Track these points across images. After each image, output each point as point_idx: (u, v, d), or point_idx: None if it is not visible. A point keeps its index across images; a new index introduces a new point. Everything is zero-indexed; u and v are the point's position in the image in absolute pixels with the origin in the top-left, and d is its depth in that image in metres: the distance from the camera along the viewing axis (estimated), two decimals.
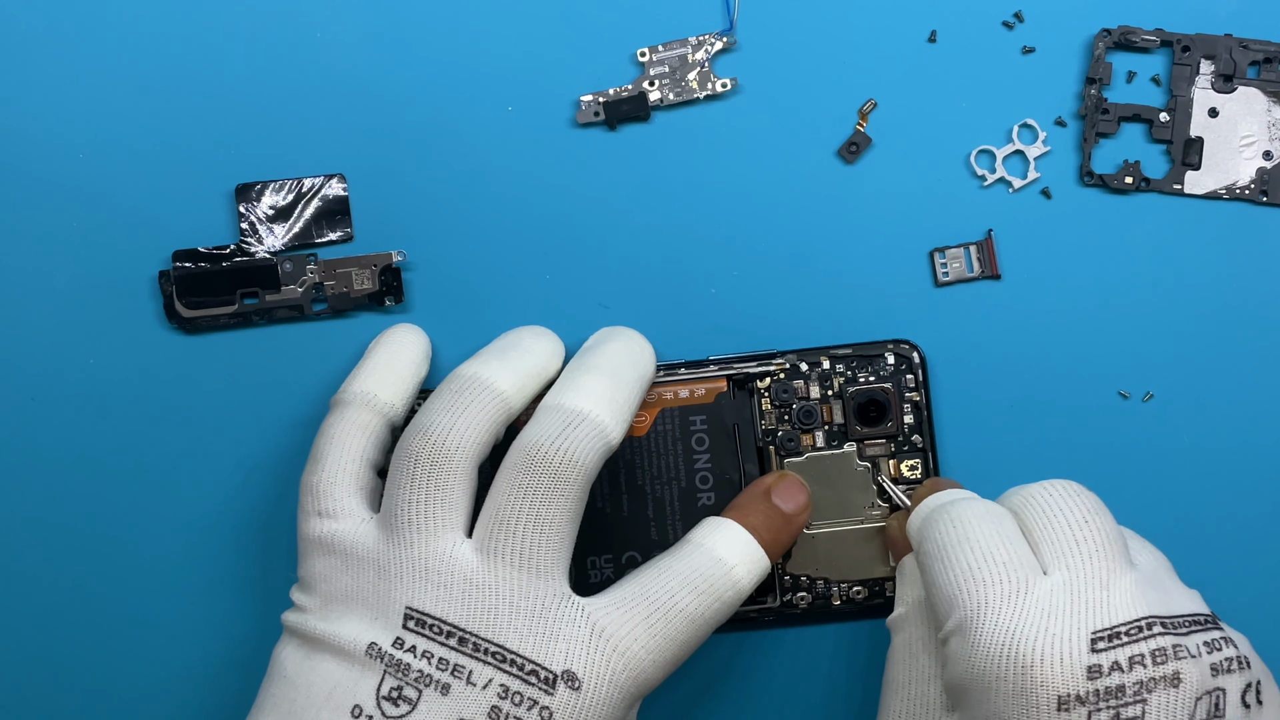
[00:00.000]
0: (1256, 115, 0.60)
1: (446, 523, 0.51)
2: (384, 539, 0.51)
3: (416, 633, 0.49)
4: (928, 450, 0.58)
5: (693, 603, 0.51)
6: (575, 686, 0.49)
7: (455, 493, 0.51)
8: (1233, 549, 0.59)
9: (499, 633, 0.49)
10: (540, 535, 0.50)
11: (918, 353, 0.59)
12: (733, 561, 0.53)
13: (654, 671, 0.51)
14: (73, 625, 0.60)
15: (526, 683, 0.49)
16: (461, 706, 0.48)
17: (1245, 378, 0.59)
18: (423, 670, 0.49)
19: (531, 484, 0.51)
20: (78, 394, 0.60)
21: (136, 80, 0.60)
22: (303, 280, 0.60)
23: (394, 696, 0.49)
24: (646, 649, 0.50)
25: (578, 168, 0.61)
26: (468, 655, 0.49)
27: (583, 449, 0.51)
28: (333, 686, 0.49)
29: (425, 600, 0.50)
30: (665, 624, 0.51)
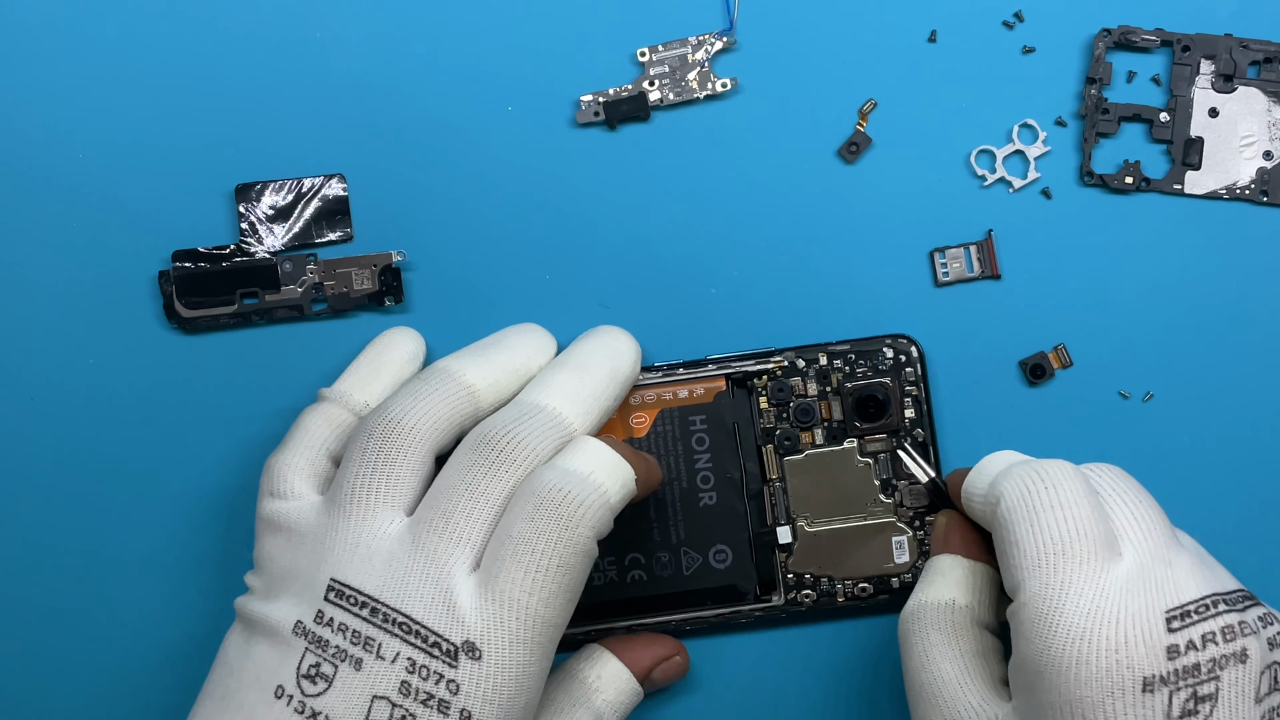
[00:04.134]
0: (1257, 115, 0.60)
1: (387, 499, 0.51)
2: (325, 514, 0.51)
3: (335, 604, 0.49)
4: (929, 444, 0.58)
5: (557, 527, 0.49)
6: (476, 656, 0.48)
7: (402, 471, 0.51)
8: (1233, 549, 0.59)
9: (406, 602, 0.49)
10: (470, 503, 0.50)
11: (916, 347, 0.59)
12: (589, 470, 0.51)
13: (549, 610, 0.49)
14: (72, 626, 0.60)
15: (431, 655, 0.48)
16: (374, 682, 0.48)
17: (1245, 378, 0.59)
18: (339, 645, 0.49)
19: (472, 460, 0.51)
20: (77, 394, 0.60)
21: (136, 80, 0.60)
22: (302, 280, 0.60)
23: (312, 674, 0.49)
24: (531, 592, 0.49)
25: (578, 168, 0.61)
26: (377, 627, 0.49)
27: (533, 436, 0.51)
28: (261, 667, 0.50)
29: (348, 572, 0.50)
30: (539, 557, 0.49)
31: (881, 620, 0.59)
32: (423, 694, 0.48)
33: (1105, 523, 0.49)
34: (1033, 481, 0.50)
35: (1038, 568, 0.49)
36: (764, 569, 0.58)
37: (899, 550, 0.58)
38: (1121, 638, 0.47)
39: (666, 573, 0.58)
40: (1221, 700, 0.47)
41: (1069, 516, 0.49)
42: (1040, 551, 0.49)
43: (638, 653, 0.57)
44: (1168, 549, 0.49)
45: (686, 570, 0.58)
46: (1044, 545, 0.49)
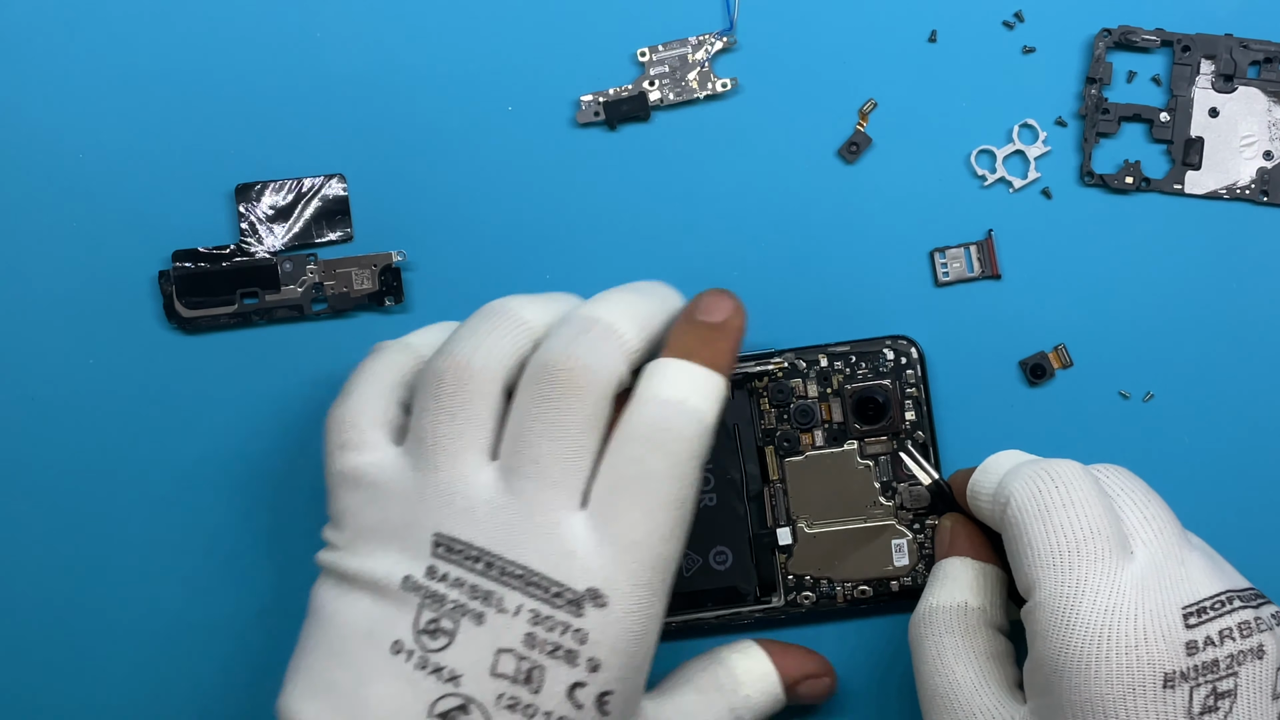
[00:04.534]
0: (1257, 115, 0.60)
1: (470, 443, 0.50)
2: (409, 466, 0.50)
3: (447, 560, 0.48)
4: (929, 446, 0.58)
5: (663, 461, 0.49)
6: (602, 603, 0.48)
7: (478, 412, 0.50)
8: (1233, 549, 0.59)
9: (521, 554, 0.48)
10: (554, 444, 0.49)
11: (916, 348, 0.59)
12: (682, 396, 0.50)
13: (667, 547, 0.49)
14: (72, 627, 0.60)
15: (554, 605, 0.48)
16: (498, 635, 0.47)
17: (1245, 378, 0.59)
18: (457, 600, 0.48)
19: (544, 393, 0.49)
20: (77, 394, 0.60)
21: (136, 80, 0.60)
22: (303, 280, 0.60)
23: (432, 629, 0.48)
24: (649, 532, 0.48)
25: (578, 168, 0.61)
26: (495, 581, 0.48)
27: (593, 355, 0.50)
28: (371, 624, 0.49)
29: (453, 525, 0.49)
30: (651, 495, 0.49)
31: (882, 621, 0.59)
32: (549, 645, 0.47)
33: (1116, 521, 0.49)
34: (1043, 481, 0.50)
35: (1052, 567, 0.48)
36: (764, 570, 0.58)
37: (899, 553, 0.58)
38: (1140, 634, 0.47)
39: None
40: (1240, 696, 0.47)
41: (1081, 515, 0.49)
42: (1054, 550, 0.49)
43: (789, 660, 0.56)
44: (1179, 547, 0.49)
45: (686, 571, 0.58)
46: (1057, 544, 0.49)
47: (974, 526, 0.55)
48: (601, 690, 0.48)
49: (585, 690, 0.48)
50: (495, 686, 0.47)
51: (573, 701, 0.47)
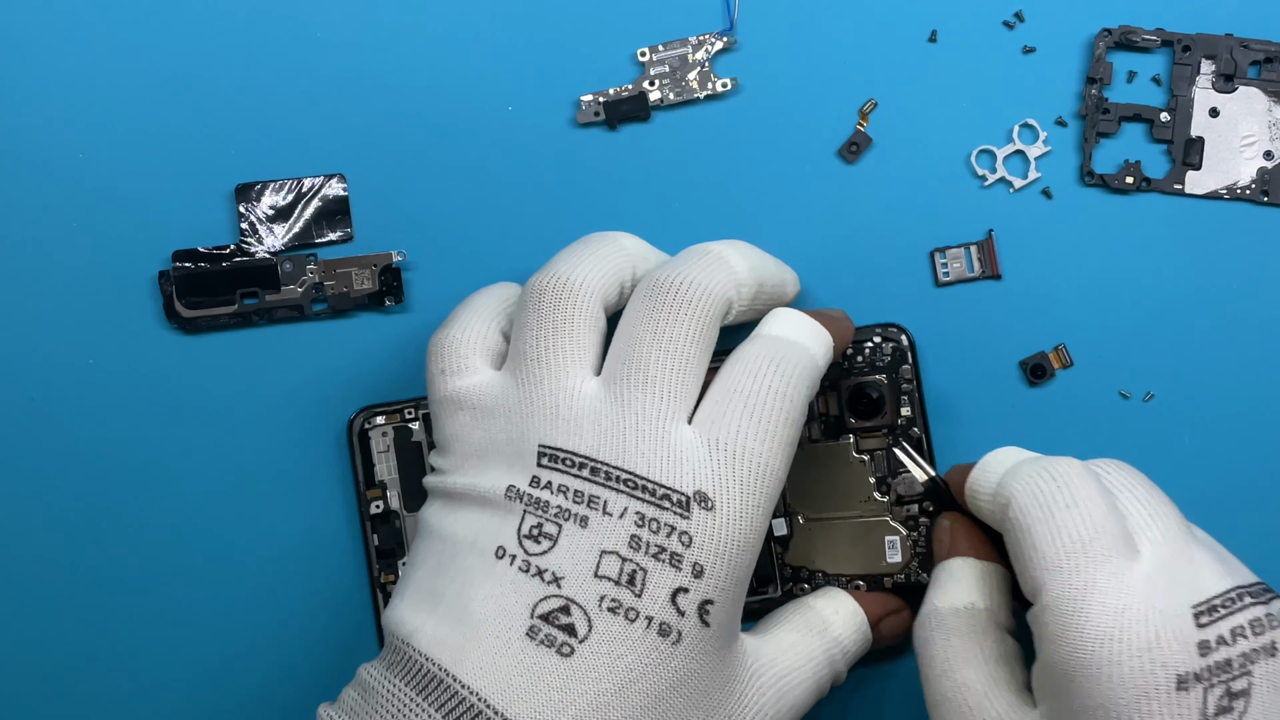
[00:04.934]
0: (1257, 115, 0.60)
1: (573, 357, 0.50)
2: (512, 384, 0.50)
3: (551, 468, 0.48)
4: (922, 435, 0.58)
5: (779, 380, 0.49)
6: (709, 506, 0.47)
7: (581, 328, 0.50)
8: (1234, 549, 0.59)
9: (627, 459, 0.48)
10: (663, 354, 0.49)
11: (906, 335, 0.58)
12: (797, 336, 0.51)
13: (776, 460, 0.49)
14: (71, 627, 0.60)
15: (661, 508, 0.47)
16: (602, 538, 0.47)
17: (1245, 378, 0.59)
18: (561, 505, 0.48)
19: (653, 305, 0.50)
20: (77, 394, 0.60)
21: (136, 80, 0.61)
22: (303, 280, 0.60)
23: (535, 534, 0.48)
24: (761, 440, 0.48)
25: (578, 168, 0.61)
26: (601, 485, 0.48)
27: (709, 278, 0.50)
28: (477, 532, 0.49)
29: (556, 436, 0.49)
30: (764, 408, 0.49)
31: None
32: (654, 547, 0.47)
33: (1120, 520, 0.49)
34: (1044, 480, 0.49)
35: (1058, 569, 0.48)
36: (760, 561, 0.58)
37: (891, 550, 0.58)
38: (1152, 636, 0.46)
39: None
40: (1255, 695, 0.46)
41: (1085, 515, 0.48)
42: (1059, 552, 0.48)
43: (869, 600, 0.56)
44: (1186, 544, 0.49)
45: None
46: (1062, 545, 0.48)
47: (974, 525, 0.55)
48: (704, 598, 0.47)
49: (688, 597, 0.47)
50: (598, 588, 0.47)
51: (675, 607, 0.47)
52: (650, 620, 0.47)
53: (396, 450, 0.59)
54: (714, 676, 0.49)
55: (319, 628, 0.60)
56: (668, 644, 0.47)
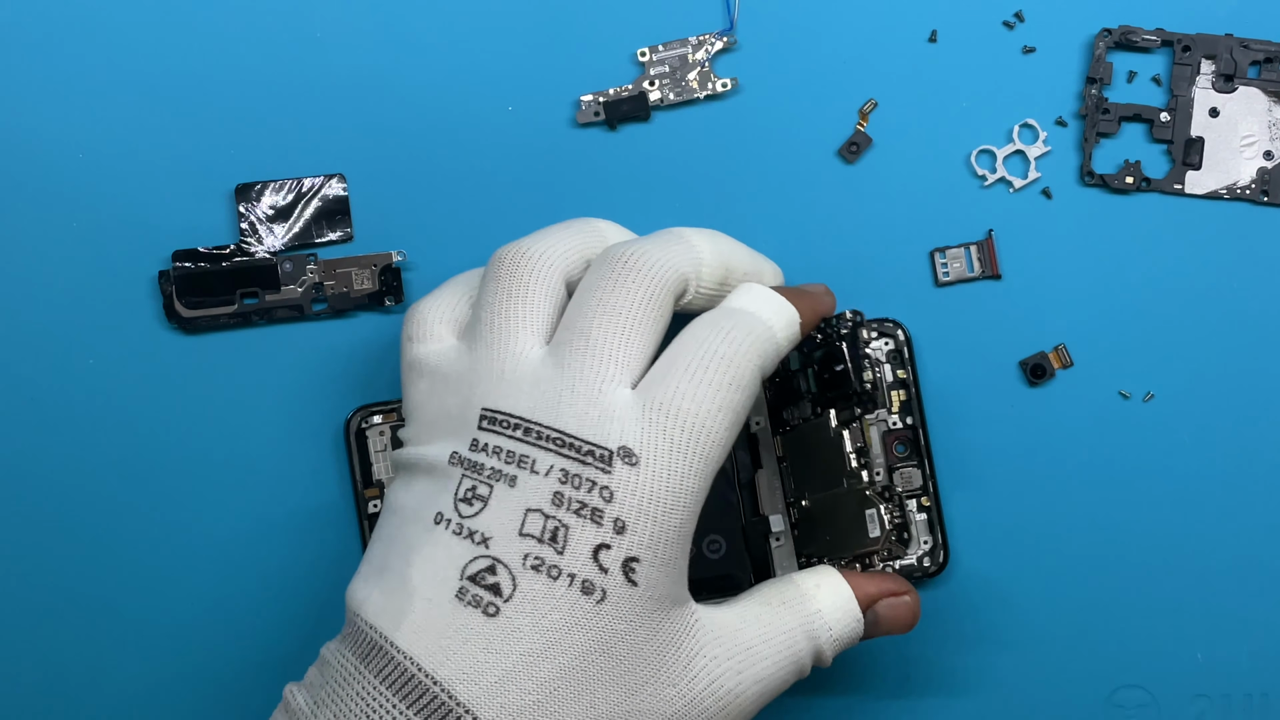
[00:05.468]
0: (1257, 115, 0.60)
1: (525, 325, 0.50)
2: (465, 350, 0.51)
3: (489, 430, 0.48)
4: (918, 427, 0.58)
5: (725, 346, 0.49)
6: (633, 461, 0.47)
7: (535, 297, 0.50)
8: (1233, 548, 0.59)
9: (559, 419, 0.48)
10: (605, 319, 0.49)
11: (902, 330, 0.58)
12: (756, 309, 0.51)
13: (714, 422, 0.48)
14: (71, 626, 0.60)
15: (584, 464, 0.47)
16: (527, 496, 0.47)
17: (1245, 377, 0.59)
18: (494, 466, 0.48)
19: (604, 275, 0.50)
20: (77, 394, 0.60)
21: (136, 80, 0.61)
22: (303, 280, 0.60)
23: (469, 497, 0.48)
24: (697, 401, 0.48)
25: (578, 168, 0.61)
26: (531, 444, 0.48)
27: (663, 253, 0.50)
28: (421, 501, 0.49)
29: (498, 399, 0.49)
30: (705, 370, 0.48)
31: None
32: (575, 503, 0.47)
33: None
34: None
35: None
36: (758, 557, 0.58)
37: (871, 524, 0.55)
38: None
39: None
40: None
41: None
42: None
43: (861, 579, 0.53)
44: None
45: None
46: None
47: None
48: (628, 555, 0.47)
49: (610, 553, 0.47)
50: (521, 547, 0.47)
51: (598, 564, 0.47)
52: (573, 578, 0.46)
53: (394, 450, 0.59)
54: (649, 640, 0.47)
55: (317, 625, 0.60)
56: (591, 602, 0.46)
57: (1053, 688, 0.59)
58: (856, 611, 0.52)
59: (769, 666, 0.50)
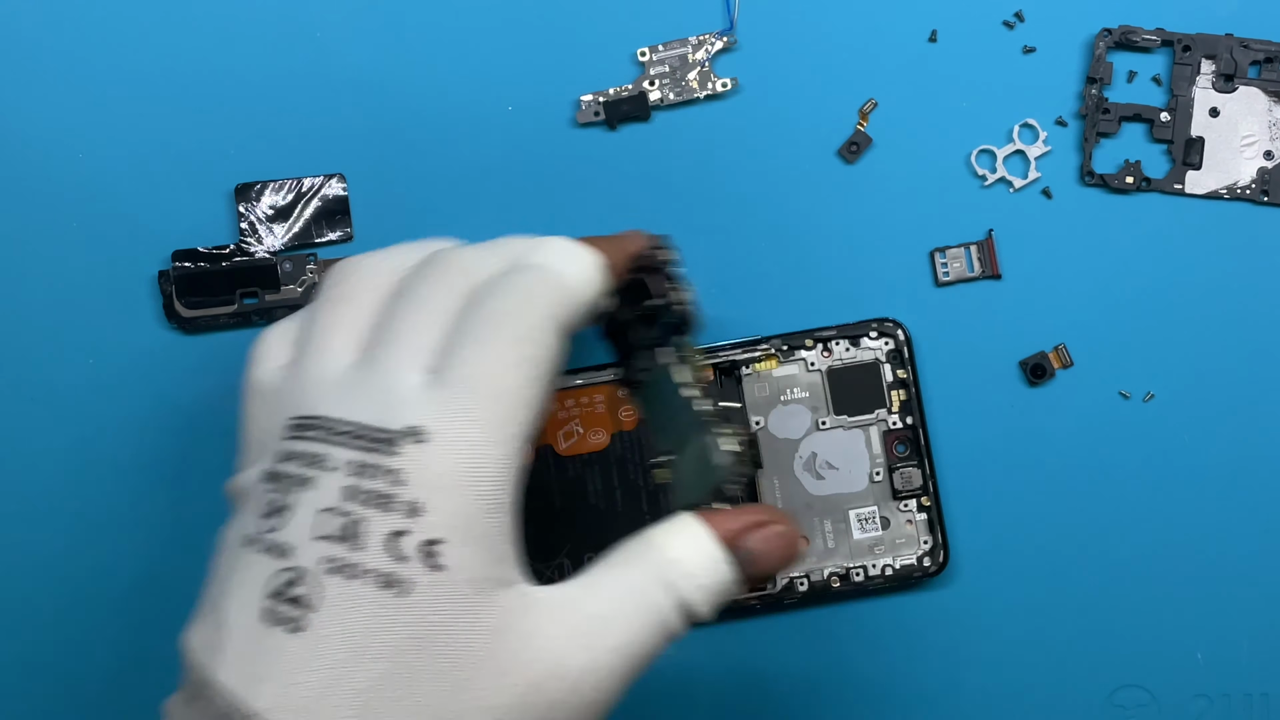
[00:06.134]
0: (1257, 115, 0.60)
1: (342, 329, 0.47)
2: (289, 363, 0.48)
3: (294, 439, 0.45)
4: (918, 427, 0.58)
5: (506, 302, 0.45)
6: (423, 439, 0.43)
7: (357, 305, 0.47)
8: (1233, 548, 0.59)
9: (354, 411, 0.44)
10: (411, 311, 0.46)
11: (903, 330, 0.58)
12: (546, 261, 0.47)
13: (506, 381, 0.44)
14: (70, 628, 0.60)
15: (371, 451, 0.44)
16: (320, 496, 0.44)
17: (1245, 377, 0.59)
18: (292, 473, 0.44)
19: (417, 273, 0.47)
20: (77, 394, 0.60)
21: (136, 80, 0.61)
22: (302, 280, 0.60)
23: (271, 510, 0.44)
24: (483, 363, 0.44)
25: (578, 168, 0.61)
26: (324, 442, 0.44)
27: (483, 253, 0.48)
28: (234, 530, 0.46)
29: (304, 405, 0.46)
30: (488, 330, 0.45)
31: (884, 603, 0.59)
32: (364, 493, 0.43)
33: None
34: None
35: None
36: None
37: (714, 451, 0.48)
38: None
39: None
40: None
41: None
42: None
43: (722, 518, 0.47)
44: None
45: None
46: None
47: None
48: (428, 538, 0.43)
49: (408, 539, 0.43)
50: (318, 550, 0.43)
51: (394, 553, 0.43)
52: (372, 573, 0.43)
53: None
54: (472, 628, 0.43)
55: None
56: (395, 596, 0.43)
57: (1053, 688, 0.59)
58: (718, 552, 0.47)
59: (625, 631, 0.45)
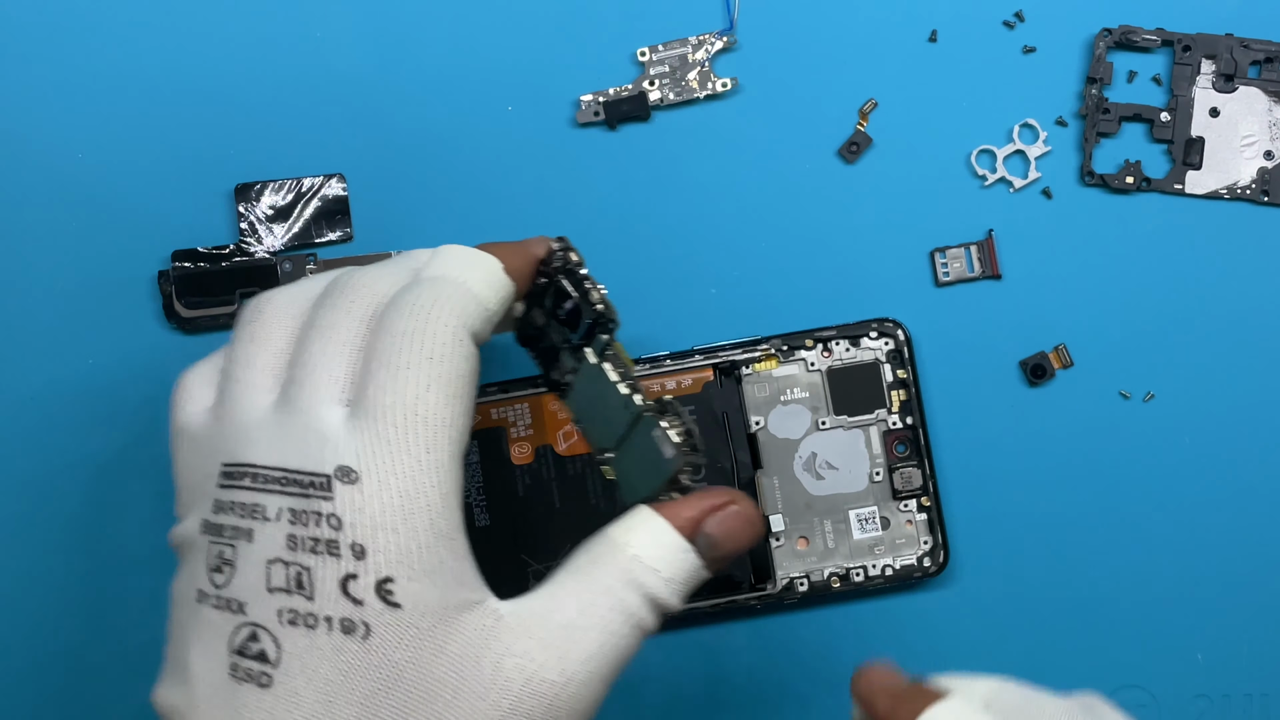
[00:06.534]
0: (1257, 115, 0.60)
1: (261, 368, 0.46)
2: (214, 407, 0.47)
3: (228, 487, 0.44)
4: (918, 427, 0.58)
5: (411, 321, 0.45)
6: (353, 479, 0.43)
7: (272, 343, 0.47)
8: (1233, 548, 0.59)
9: (282, 455, 0.44)
10: (322, 343, 0.45)
11: (903, 330, 0.58)
12: (442, 272, 0.47)
13: (427, 405, 0.44)
14: (70, 628, 0.60)
15: (307, 497, 0.43)
16: (264, 548, 0.43)
17: (1245, 377, 0.59)
18: (233, 524, 0.44)
19: (322, 302, 0.47)
20: (77, 394, 0.60)
21: (136, 80, 0.61)
22: None
23: (217, 565, 0.44)
24: (400, 390, 0.44)
25: (578, 168, 0.61)
26: (259, 490, 0.44)
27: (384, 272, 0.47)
28: (184, 584, 0.46)
29: (233, 451, 0.45)
30: (399, 354, 0.44)
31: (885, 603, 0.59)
32: (308, 541, 0.43)
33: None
34: None
35: None
36: (758, 557, 0.58)
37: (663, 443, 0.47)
38: None
39: None
40: None
41: None
42: None
43: (677, 507, 0.47)
44: None
45: None
46: None
47: None
48: (379, 578, 0.43)
49: (359, 582, 0.43)
50: (273, 604, 0.43)
51: (350, 598, 0.43)
52: (330, 620, 0.42)
53: None
54: (439, 658, 0.43)
55: None
56: (358, 641, 0.42)
57: (1053, 688, 0.59)
58: (680, 542, 0.46)
59: (597, 637, 0.45)
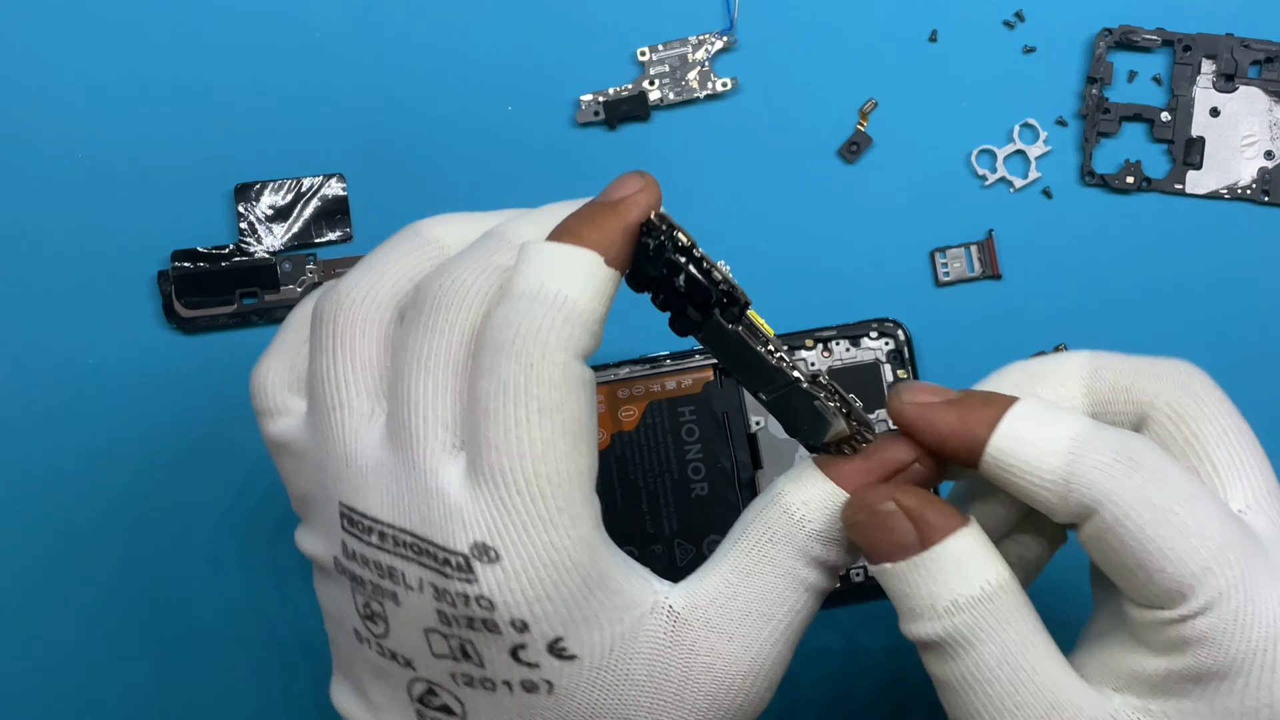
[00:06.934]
0: (1258, 115, 0.60)
1: (358, 391, 0.43)
2: (310, 426, 0.44)
3: (351, 534, 0.43)
4: None
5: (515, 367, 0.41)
6: (493, 558, 0.41)
7: (364, 353, 0.43)
8: None
9: (406, 517, 0.42)
10: (424, 377, 0.42)
11: (903, 330, 0.58)
12: (539, 284, 0.42)
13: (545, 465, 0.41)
14: (70, 629, 0.60)
15: (447, 577, 0.41)
16: (417, 616, 0.42)
17: (1245, 377, 0.59)
18: (372, 581, 0.42)
19: (411, 321, 0.43)
20: (77, 394, 0.60)
21: (136, 81, 0.61)
22: (302, 280, 0.60)
23: (369, 614, 0.43)
24: (519, 456, 0.41)
25: (578, 168, 0.61)
26: (391, 553, 0.42)
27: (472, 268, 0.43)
28: (337, 611, 0.44)
29: (350, 494, 0.42)
30: (506, 409, 0.41)
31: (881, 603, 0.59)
32: (462, 620, 0.41)
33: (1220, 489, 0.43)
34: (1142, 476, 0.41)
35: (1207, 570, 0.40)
36: None
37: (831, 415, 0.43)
38: None
39: (660, 565, 0.57)
40: None
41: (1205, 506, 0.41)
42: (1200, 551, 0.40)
43: (854, 468, 0.43)
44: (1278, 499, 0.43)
45: (680, 562, 0.58)
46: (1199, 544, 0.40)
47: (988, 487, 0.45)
48: (548, 641, 0.41)
49: (529, 651, 0.41)
50: (443, 667, 0.42)
51: (524, 663, 0.41)
52: (509, 683, 0.42)
53: None
54: (625, 685, 0.42)
55: (318, 623, 0.60)
56: (544, 696, 0.42)
57: None
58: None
59: (783, 618, 0.44)
